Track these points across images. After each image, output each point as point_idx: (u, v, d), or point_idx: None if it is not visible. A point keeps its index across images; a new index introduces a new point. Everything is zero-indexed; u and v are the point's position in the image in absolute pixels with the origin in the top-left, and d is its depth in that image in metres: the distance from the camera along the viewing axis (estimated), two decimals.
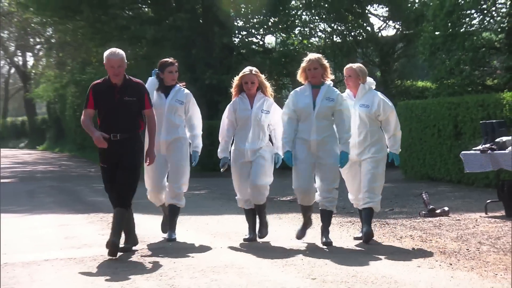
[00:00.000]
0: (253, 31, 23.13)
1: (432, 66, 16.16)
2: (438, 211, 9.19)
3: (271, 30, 23.13)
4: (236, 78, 7.47)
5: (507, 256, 6.23)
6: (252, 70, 7.36)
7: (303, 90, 7.19)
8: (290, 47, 22.46)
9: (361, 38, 22.26)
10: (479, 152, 9.29)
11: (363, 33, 22.15)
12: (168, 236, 7.54)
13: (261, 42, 24.25)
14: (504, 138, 9.14)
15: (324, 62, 7.18)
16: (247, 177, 7.33)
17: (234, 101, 7.46)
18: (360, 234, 7.31)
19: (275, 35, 23.97)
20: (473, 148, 9.81)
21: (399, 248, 6.87)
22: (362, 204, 7.22)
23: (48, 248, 7.31)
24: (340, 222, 8.78)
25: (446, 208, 9.30)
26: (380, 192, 7.26)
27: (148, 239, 7.62)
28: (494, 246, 6.79)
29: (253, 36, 23.49)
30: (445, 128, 13.71)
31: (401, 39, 22.19)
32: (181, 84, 7.68)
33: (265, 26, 22.82)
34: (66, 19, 22.36)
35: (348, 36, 22.33)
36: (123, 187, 6.66)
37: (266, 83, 7.45)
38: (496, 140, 9.19)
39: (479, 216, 8.97)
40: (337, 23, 22.21)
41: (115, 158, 6.68)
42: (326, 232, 7.16)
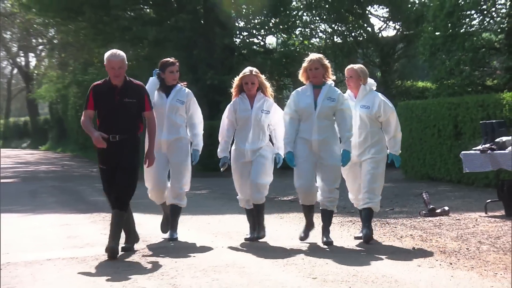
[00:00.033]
0: (254, 31, 23.14)
1: (432, 67, 16.14)
2: (438, 210, 9.20)
3: (272, 30, 23.14)
4: (236, 79, 7.46)
5: (507, 255, 6.24)
6: (253, 70, 7.35)
7: (305, 90, 7.20)
8: (291, 48, 22.43)
9: (361, 38, 22.23)
10: (479, 152, 9.29)
11: (363, 33, 22.13)
12: (170, 236, 7.54)
13: (262, 43, 24.27)
14: (504, 138, 9.15)
15: (325, 62, 7.18)
16: (248, 176, 7.32)
17: (235, 101, 7.45)
18: (361, 234, 7.31)
19: (276, 35, 23.95)
20: (473, 148, 9.80)
21: (399, 247, 6.88)
22: (362, 204, 7.23)
23: (51, 247, 7.33)
24: (341, 222, 8.78)
25: (446, 208, 9.30)
26: (380, 192, 7.26)
27: (149, 238, 7.62)
28: (494, 245, 6.79)
29: (254, 36, 23.50)
30: (445, 128, 13.70)
31: (401, 40, 22.17)
32: (182, 83, 7.67)
33: (266, 27, 22.84)
34: (68, 20, 22.35)
35: (348, 36, 22.31)
36: (122, 188, 6.62)
37: (266, 84, 7.44)
38: (496, 140, 9.20)
39: (479, 216, 8.97)
40: (337, 23, 22.18)
41: (114, 159, 6.64)
42: (326, 232, 7.17)
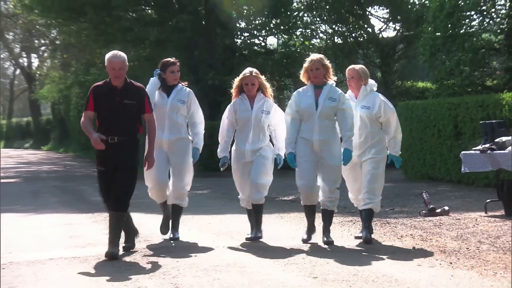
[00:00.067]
0: (255, 32, 23.13)
1: (432, 67, 16.13)
2: (438, 210, 9.21)
3: (273, 31, 23.14)
4: (236, 80, 7.46)
5: (507, 255, 6.25)
6: (253, 71, 7.34)
7: (306, 90, 7.20)
8: (292, 48, 22.42)
9: (362, 39, 22.23)
10: (479, 152, 9.31)
11: (364, 34, 22.12)
12: (171, 236, 7.55)
13: (263, 43, 24.26)
14: (504, 138, 9.16)
15: (326, 63, 7.18)
16: (249, 176, 7.32)
17: (235, 101, 7.45)
18: (361, 234, 7.32)
19: (277, 36, 23.92)
20: (473, 148, 9.82)
21: (399, 247, 6.89)
22: (362, 205, 7.22)
23: (53, 247, 7.35)
24: (341, 222, 8.79)
25: (446, 208, 9.31)
26: (380, 192, 7.25)
27: (151, 238, 7.64)
28: (493, 245, 6.80)
29: (255, 37, 23.50)
30: (445, 128, 13.72)
31: (401, 40, 22.18)
32: (183, 83, 7.66)
33: (267, 28, 22.83)
34: (70, 20, 22.32)
35: (349, 37, 22.31)
36: (122, 188, 6.56)
37: (266, 84, 7.44)
38: (496, 140, 9.22)
39: (479, 216, 8.98)
40: (338, 24, 22.18)
41: (112, 160, 6.58)
42: (327, 232, 7.18)
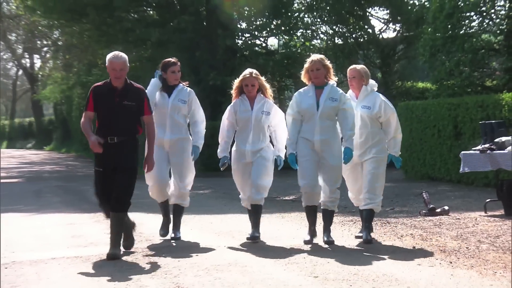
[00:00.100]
0: (256, 33, 23.13)
1: (432, 68, 16.14)
2: (438, 210, 9.22)
3: (274, 32, 23.14)
4: (236, 81, 7.47)
5: (506, 254, 6.27)
6: (253, 72, 7.35)
7: (307, 91, 7.21)
8: (293, 49, 22.42)
9: (362, 40, 22.22)
10: (479, 152, 9.34)
11: (364, 35, 22.11)
12: (173, 235, 7.59)
13: (264, 44, 24.26)
14: (503, 138, 9.19)
15: (327, 63, 7.18)
16: (249, 177, 7.33)
17: (235, 102, 7.46)
18: (361, 234, 7.35)
19: (277, 37, 23.93)
20: (472, 148, 9.84)
21: (400, 246, 6.91)
22: (363, 205, 7.23)
23: (55, 246, 7.37)
24: (342, 221, 8.81)
25: (446, 207, 9.33)
26: (381, 192, 7.25)
27: (152, 238, 7.66)
28: (493, 244, 6.82)
29: (256, 38, 23.50)
30: (445, 129, 13.74)
31: (401, 41, 22.18)
32: (184, 83, 7.66)
33: (267, 29, 22.84)
34: (72, 22, 22.32)
35: (349, 38, 22.31)
36: (122, 189, 6.54)
37: (266, 85, 7.45)
38: (495, 140, 9.24)
39: (479, 215, 8.99)
40: (338, 25, 22.18)
41: (111, 161, 6.55)
42: (327, 231, 7.19)
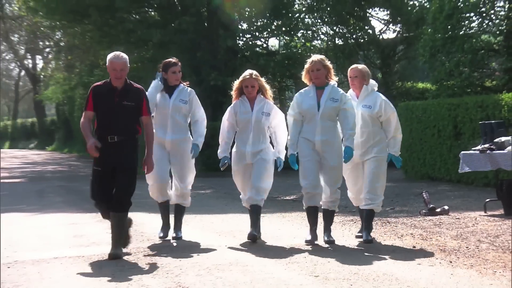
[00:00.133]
0: (257, 34, 23.15)
1: (432, 68, 16.15)
2: (438, 210, 9.24)
3: (275, 33, 23.16)
4: (236, 82, 7.48)
5: (506, 254, 6.29)
6: (252, 74, 7.36)
7: (308, 91, 7.22)
8: (293, 50, 22.45)
9: (362, 40, 22.22)
10: (479, 152, 9.36)
11: (364, 35, 22.11)
12: (174, 235, 7.61)
13: (264, 45, 24.30)
14: (503, 138, 9.21)
15: (327, 63, 7.18)
16: (250, 178, 7.34)
17: (235, 103, 7.47)
18: (361, 233, 7.37)
19: (278, 38, 23.94)
20: (472, 148, 9.87)
21: (400, 246, 6.93)
22: (364, 205, 7.23)
23: (57, 246, 7.39)
24: (342, 221, 8.83)
25: (446, 207, 9.35)
26: (382, 192, 7.26)
27: (154, 237, 7.67)
28: (493, 244, 6.84)
29: (257, 39, 23.52)
30: (445, 129, 13.76)
31: (401, 42, 22.19)
32: (184, 83, 7.67)
33: (268, 29, 22.86)
34: (74, 22, 22.36)
35: (349, 38, 22.31)
36: (123, 188, 6.52)
37: (266, 86, 7.46)
38: (495, 140, 9.27)
39: (479, 215, 9.01)
40: (339, 26, 22.18)
41: (111, 160, 6.52)
42: (328, 231, 7.21)
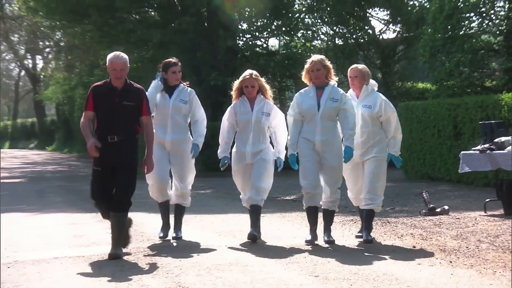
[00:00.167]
0: (257, 34, 23.16)
1: (432, 68, 16.16)
2: (438, 209, 9.25)
3: (275, 33, 23.17)
4: (236, 82, 7.49)
5: (506, 253, 6.29)
6: (252, 74, 7.37)
7: (308, 91, 7.22)
8: (293, 50, 22.46)
9: (362, 40, 22.23)
10: (478, 152, 9.37)
11: (364, 35, 22.12)
12: (174, 235, 7.61)
13: (264, 45, 24.31)
14: (503, 138, 9.22)
15: (327, 63, 7.18)
16: (250, 178, 7.35)
17: (235, 103, 7.47)
18: (361, 233, 7.38)
19: (278, 38, 23.96)
20: (472, 148, 9.87)
21: (400, 246, 6.94)
22: (364, 205, 7.24)
23: (57, 246, 7.40)
24: (342, 221, 8.84)
25: (446, 207, 9.36)
26: (382, 192, 7.26)
27: (154, 237, 7.68)
28: (493, 244, 6.85)
29: (257, 39, 23.53)
30: (445, 129, 13.77)
31: (401, 42, 22.20)
32: (184, 83, 7.67)
33: (268, 29, 22.88)
34: (74, 22, 22.37)
35: (349, 38, 22.32)
36: (123, 189, 6.52)
37: (266, 86, 7.46)
38: (495, 140, 9.27)
39: (479, 215, 9.01)
40: (339, 26, 22.20)
41: (111, 160, 6.51)
42: (328, 231, 7.21)
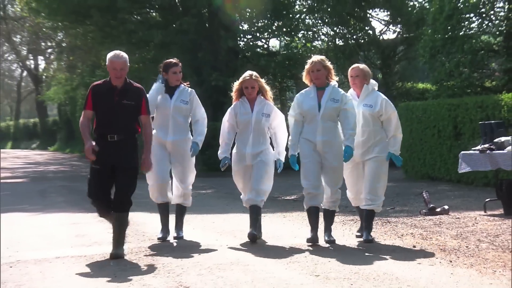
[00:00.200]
0: (257, 34, 23.19)
1: (432, 69, 16.18)
2: (438, 209, 9.26)
3: (275, 33, 23.20)
4: (236, 83, 7.49)
5: (506, 253, 6.31)
6: (252, 75, 7.38)
7: (308, 92, 7.23)
8: (294, 50, 22.48)
9: (363, 41, 22.26)
10: (478, 152, 9.38)
11: (364, 36, 22.15)
12: (176, 234, 7.64)
13: (265, 46, 24.33)
14: (503, 139, 9.23)
15: (328, 64, 7.19)
16: (250, 179, 7.35)
17: (235, 104, 7.48)
18: (360, 233, 7.40)
19: (279, 38, 23.98)
20: (472, 148, 9.88)
21: (400, 246, 6.95)
22: (364, 205, 7.24)
23: (59, 246, 7.42)
24: (343, 221, 8.85)
25: (446, 207, 9.37)
26: (382, 193, 7.25)
27: (155, 237, 7.67)
28: (493, 243, 6.86)
29: (257, 39, 23.57)
30: (445, 129, 13.78)
31: (401, 42, 22.24)
32: (185, 83, 7.68)
33: (269, 30, 22.91)
34: (76, 23, 22.41)
35: (350, 39, 22.35)
36: (123, 189, 6.52)
37: (266, 87, 7.47)
38: (495, 140, 9.29)
39: (478, 215, 9.02)
40: (339, 26, 22.23)
41: (110, 159, 6.51)
42: (328, 231, 7.22)
